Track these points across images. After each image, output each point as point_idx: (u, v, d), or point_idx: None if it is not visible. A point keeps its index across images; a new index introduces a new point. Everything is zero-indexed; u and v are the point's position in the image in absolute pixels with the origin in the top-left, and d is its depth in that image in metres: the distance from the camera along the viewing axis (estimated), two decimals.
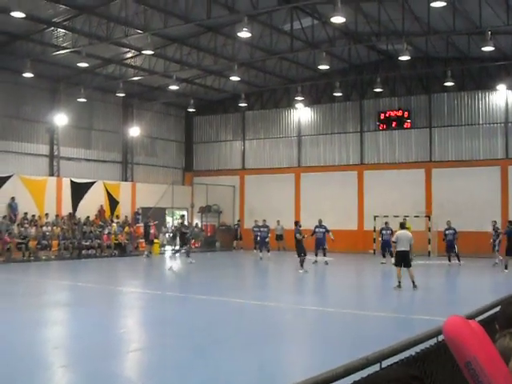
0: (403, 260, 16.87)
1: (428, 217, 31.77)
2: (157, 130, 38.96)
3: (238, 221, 36.80)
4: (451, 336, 2.46)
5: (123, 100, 35.52)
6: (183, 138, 41.22)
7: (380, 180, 33.79)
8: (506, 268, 22.24)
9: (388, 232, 25.82)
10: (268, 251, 29.66)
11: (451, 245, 25.33)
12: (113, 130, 36.01)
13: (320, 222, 26.93)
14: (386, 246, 25.66)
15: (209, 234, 38.83)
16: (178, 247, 35.34)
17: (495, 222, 25.82)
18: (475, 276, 22.58)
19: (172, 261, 22.81)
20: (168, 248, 34.80)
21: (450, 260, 25.42)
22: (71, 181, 32.39)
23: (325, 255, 25.93)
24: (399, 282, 16.84)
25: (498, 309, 3.09)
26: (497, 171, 30.98)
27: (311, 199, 35.80)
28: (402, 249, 16.83)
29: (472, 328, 2.49)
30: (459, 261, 25.12)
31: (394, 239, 17.30)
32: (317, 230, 26.44)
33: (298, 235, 22.25)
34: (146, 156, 38.34)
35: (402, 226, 17.81)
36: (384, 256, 26.33)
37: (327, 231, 25.96)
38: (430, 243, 30.88)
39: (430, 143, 33.02)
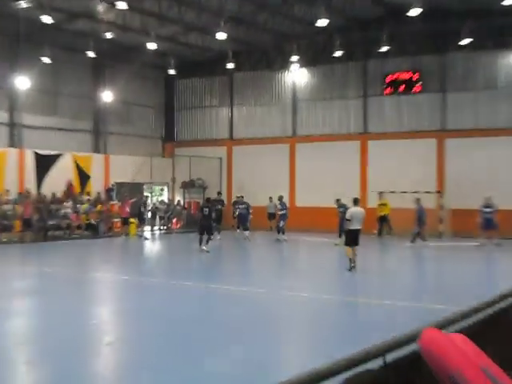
0: (356, 239, 17.93)
1: (440, 193, 31.83)
2: (133, 95, 38.80)
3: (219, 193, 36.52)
4: (427, 350, 2.68)
5: (94, 61, 35.16)
6: (163, 104, 41.18)
7: (386, 152, 33.80)
8: None
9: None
10: (246, 230, 29.85)
11: (490, 223, 25.78)
12: (82, 94, 35.81)
13: (280, 198, 29.05)
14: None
15: (192, 213, 38.83)
16: (159, 227, 35.70)
17: None
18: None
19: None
20: (146, 228, 34.77)
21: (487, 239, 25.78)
22: (35, 153, 32.20)
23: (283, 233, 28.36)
24: (353, 262, 17.83)
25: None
26: None
27: (308, 173, 35.85)
28: (357, 227, 17.85)
29: (451, 341, 2.67)
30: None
31: (347, 217, 18.04)
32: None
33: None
34: (121, 124, 38.25)
35: (356, 201, 18.41)
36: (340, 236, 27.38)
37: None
38: (441, 223, 30.96)
39: (443, 110, 33.02)
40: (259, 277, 18.07)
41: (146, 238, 30.94)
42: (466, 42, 29.60)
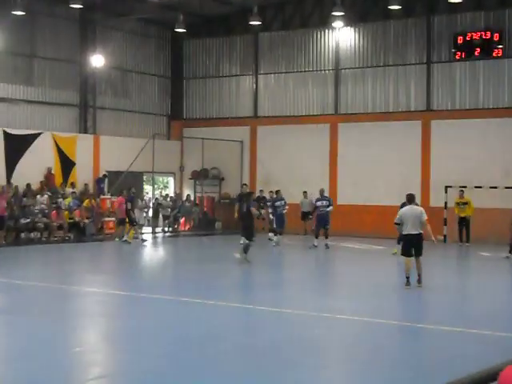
0: (414, 246, 17.67)
1: None
2: (130, 60, 38.84)
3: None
4: None
5: (80, 14, 35.28)
6: (169, 72, 41.19)
7: (456, 134, 33.44)
8: None
9: (324, 203, 28.62)
10: (279, 233, 30.43)
11: None
12: (66, 58, 35.79)
13: (322, 192, 29.39)
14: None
15: (205, 210, 38.54)
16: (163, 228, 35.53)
17: None
18: None
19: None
20: (147, 230, 34.75)
21: None
22: (4, 132, 32.18)
23: (327, 237, 28.55)
24: (407, 278, 17.67)
25: None
26: None
27: (353, 161, 35.57)
28: (412, 232, 17.55)
29: None
30: None
31: (396, 220, 17.99)
32: (318, 203, 29.03)
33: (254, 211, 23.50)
34: (115, 97, 38.30)
35: (410, 199, 18.18)
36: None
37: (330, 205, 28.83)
38: None
39: None
40: (296, 294, 17.99)
41: (144, 241, 30.95)
42: None
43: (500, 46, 32.62)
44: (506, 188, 30.58)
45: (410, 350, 11.79)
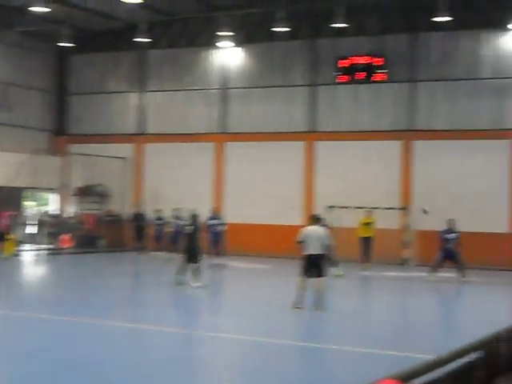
0: (314, 268, 17.38)
1: (405, 209, 31.87)
2: (12, 73, 37.91)
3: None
4: None
5: None
6: (53, 86, 40.48)
7: (339, 155, 33.82)
8: None
9: (215, 222, 29.02)
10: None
11: (452, 254, 25.20)
12: None
13: (214, 211, 29.81)
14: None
15: (88, 228, 37.92)
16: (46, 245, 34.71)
17: None
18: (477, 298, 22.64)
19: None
20: (27, 247, 33.88)
21: (436, 272, 25.24)
22: None
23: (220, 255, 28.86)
24: (299, 299, 17.35)
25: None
26: (504, 147, 31.30)
27: (238, 180, 35.56)
28: (313, 252, 17.35)
29: None
30: (463, 275, 24.90)
31: (298, 238, 17.72)
32: (210, 222, 29.39)
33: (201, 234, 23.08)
34: None
35: (315, 219, 18.23)
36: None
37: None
38: (406, 247, 30.97)
39: (413, 104, 33.19)
40: (182, 313, 17.96)
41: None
42: (443, 19, 29.62)
43: (382, 71, 33.30)
44: (386, 209, 31.13)
45: (296, 370, 11.77)
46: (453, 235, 25.32)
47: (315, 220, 18.16)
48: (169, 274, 25.94)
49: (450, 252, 25.18)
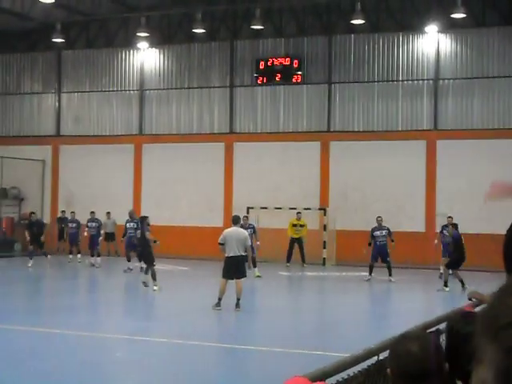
0: (236, 269, 17.44)
1: (323, 210, 32.13)
2: None
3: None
4: None
5: None
6: None
7: (257, 156, 33.92)
8: (445, 285, 22.39)
9: (132, 225, 27.29)
10: (98, 255, 29.66)
11: (383, 251, 25.49)
12: None
13: (131, 214, 28.36)
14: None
15: (3, 231, 37.14)
16: None
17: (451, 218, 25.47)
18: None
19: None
20: None
21: (371, 273, 25.37)
22: None
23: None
24: (219, 300, 17.47)
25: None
26: (421, 147, 31.85)
27: (157, 182, 35.35)
28: (235, 254, 17.40)
29: None
30: (390, 275, 25.15)
31: (220, 240, 17.73)
32: (128, 225, 28.22)
33: (148, 236, 22.63)
34: None
35: (235, 220, 18.26)
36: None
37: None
38: (325, 247, 31.22)
39: (329, 105, 33.47)
40: (101, 317, 17.75)
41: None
42: (359, 21, 30.06)
43: (299, 73, 33.51)
44: (305, 209, 31.33)
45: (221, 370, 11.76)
46: (382, 232, 25.65)
47: (235, 221, 18.19)
48: (82, 277, 25.77)
49: (379, 250, 25.50)
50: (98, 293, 23.80)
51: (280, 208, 31.27)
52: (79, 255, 30.48)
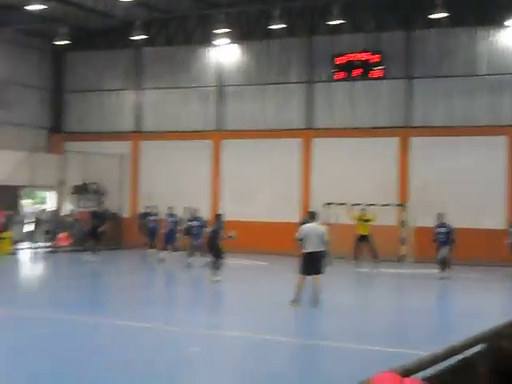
0: (314, 265, 17.37)
1: (402, 206, 31.90)
2: (9, 71, 37.76)
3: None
4: None
5: None
6: (50, 84, 40.37)
7: (335, 152, 33.88)
8: None
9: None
10: (175, 250, 29.91)
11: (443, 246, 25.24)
12: None
13: (194, 212, 28.43)
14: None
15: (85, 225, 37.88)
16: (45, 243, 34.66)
17: None
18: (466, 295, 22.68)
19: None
20: (24, 245, 33.99)
21: (443, 269, 25.17)
22: None
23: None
24: (297, 296, 17.41)
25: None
26: (502, 143, 31.39)
27: (235, 178, 35.57)
28: (313, 250, 17.40)
29: None
30: (443, 270, 24.93)
31: (298, 235, 17.73)
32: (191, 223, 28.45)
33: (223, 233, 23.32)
34: None
35: (312, 216, 18.29)
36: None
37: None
38: (403, 244, 31.01)
39: (409, 100, 33.25)
40: (175, 311, 17.91)
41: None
42: (439, 15, 29.67)
43: (378, 68, 33.32)
44: (383, 205, 31.17)
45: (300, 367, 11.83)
46: (443, 229, 25.42)
47: (312, 216, 18.18)
48: (163, 271, 26.04)
49: (441, 245, 25.26)
50: (174, 287, 24.11)
51: (358, 204, 31.10)
52: (159, 250, 30.30)
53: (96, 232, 29.32)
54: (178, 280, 26.01)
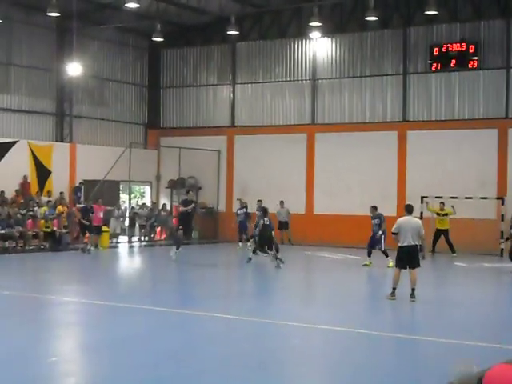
0: (410, 259, 17.24)
1: (501, 199, 31.31)
2: (107, 68, 38.64)
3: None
4: None
5: (58, 22, 34.96)
6: (146, 81, 41.05)
7: (431, 144, 33.47)
8: None
9: (376, 222, 25.67)
10: (247, 240, 30.60)
11: None
12: (42, 66, 35.57)
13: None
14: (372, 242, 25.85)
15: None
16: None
17: None
18: None
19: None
20: (123, 239, 34.71)
21: None
22: None
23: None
24: (394, 289, 17.32)
25: None
26: None
27: (330, 171, 35.53)
28: (409, 243, 17.18)
29: None
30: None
31: (394, 229, 17.50)
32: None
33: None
34: (92, 106, 38.03)
35: (408, 209, 17.92)
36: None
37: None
38: (502, 237, 30.45)
39: (508, 91, 32.57)
40: (273, 305, 17.93)
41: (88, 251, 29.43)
42: None
43: (475, 58, 32.75)
44: (481, 198, 30.71)
45: (399, 362, 11.81)
46: None
47: (410, 210, 18.00)
48: (256, 264, 26.08)
49: None
50: (263, 279, 24.17)
51: (455, 197, 30.69)
52: (248, 243, 29.83)
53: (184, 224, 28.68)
54: (264, 273, 25.89)
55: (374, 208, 26.06)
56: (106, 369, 10.68)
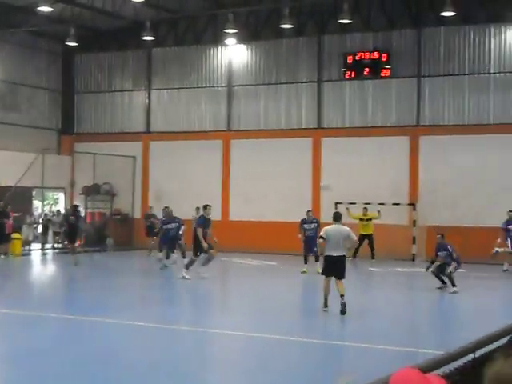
0: (336, 269, 16.57)
1: (413, 205, 31.80)
2: (19, 72, 37.95)
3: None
4: None
5: None
6: (59, 85, 40.49)
7: (345, 151, 33.74)
8: None
9: (312, 226, 25.50)
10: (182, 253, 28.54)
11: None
12: None
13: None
14: (310, 246, 25.34)
15: (96, 225, 37.86)
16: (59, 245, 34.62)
17: None
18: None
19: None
20: (35, 246, 33.93)
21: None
22: None
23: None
24: (325, 300, 16.73)
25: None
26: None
27: (245, 178, 35.52)
28: (334, 253, 16.50)
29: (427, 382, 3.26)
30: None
31: (322, 234, 16.88)
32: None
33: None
34: (3, 110, 37.28)
35: (336, 217, 17.35)
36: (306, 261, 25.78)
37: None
38: (414, 243, 30.92)
39: (419, 99, 33.11)
40: (194, 311, 17.99)
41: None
42: (448, 13, 29.48)
43: (388, 67, 33.19)
44: (394, 204, 31.07)
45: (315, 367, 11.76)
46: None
47: (337, 217, 17.31)
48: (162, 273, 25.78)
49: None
50: (177, 287, 24.01)
51: (369, 203, 31.02)
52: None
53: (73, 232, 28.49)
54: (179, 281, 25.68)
55: (310, 212, 26.24)
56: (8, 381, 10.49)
